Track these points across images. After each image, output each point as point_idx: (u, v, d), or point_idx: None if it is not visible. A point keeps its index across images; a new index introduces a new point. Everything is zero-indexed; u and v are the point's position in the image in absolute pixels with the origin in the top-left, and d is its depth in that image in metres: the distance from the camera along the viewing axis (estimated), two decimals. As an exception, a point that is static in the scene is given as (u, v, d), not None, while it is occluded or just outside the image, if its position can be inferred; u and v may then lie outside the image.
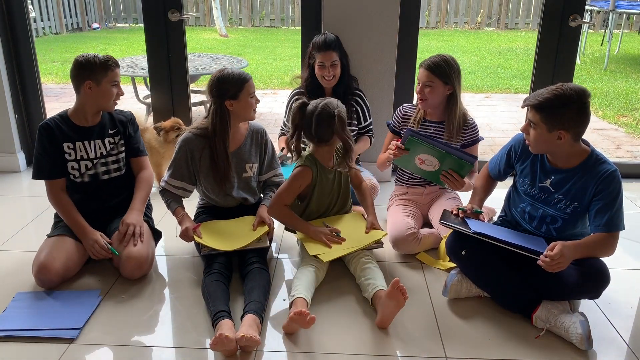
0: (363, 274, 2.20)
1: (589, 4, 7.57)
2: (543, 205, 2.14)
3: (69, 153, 2.35)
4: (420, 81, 2.54)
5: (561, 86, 1.95)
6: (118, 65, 2.34)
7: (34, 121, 3.57)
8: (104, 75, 2.28)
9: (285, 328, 1.99)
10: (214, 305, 2.01)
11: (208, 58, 5.32)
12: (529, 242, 2.07)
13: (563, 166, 2.07)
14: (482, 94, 6.39)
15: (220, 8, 9.96)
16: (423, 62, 2.54)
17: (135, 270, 2.27)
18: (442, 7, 10.53)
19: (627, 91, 6.22)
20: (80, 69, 2.28)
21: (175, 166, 2.42)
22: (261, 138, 2.51)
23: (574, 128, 1.95)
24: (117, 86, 2.35)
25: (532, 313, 2.03)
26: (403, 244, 2.50)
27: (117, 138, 2.44)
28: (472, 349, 1.93)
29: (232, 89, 2.30)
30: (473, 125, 2.64)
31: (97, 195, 2.42)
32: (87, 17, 10.54)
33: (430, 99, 2.53)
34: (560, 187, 2.08)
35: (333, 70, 2.82)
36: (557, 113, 1.93)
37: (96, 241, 2.28)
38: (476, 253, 2.13)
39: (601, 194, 1.99)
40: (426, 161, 2.45)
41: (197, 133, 2.39)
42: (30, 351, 1.90)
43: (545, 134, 1.97)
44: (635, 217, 2.98)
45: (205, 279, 2.17)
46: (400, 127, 2.70)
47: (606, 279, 1.99)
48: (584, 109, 1.93)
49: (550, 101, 1.92)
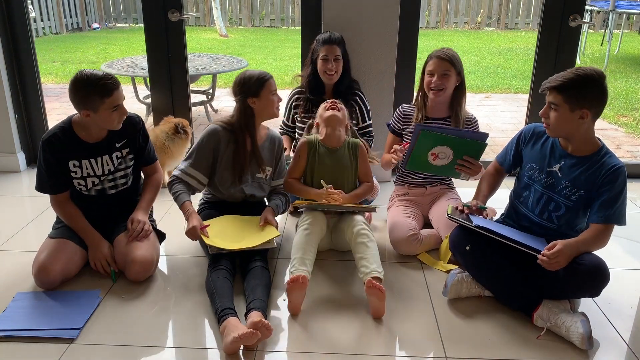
0: (357, 250, 2.24)
1: (589, 4, 7.57)
2: (549, 191, 2.15)
3: (74, 171, 2.28)
4: (434, 72, 2.54)
5: (580, 68, 2.02)
6: (117, 86, 2.15)
7: (34, 121, 3.57)
8: (100, 103, 2.11)
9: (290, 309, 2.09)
10: (221, 302, 2.01)
11: (208, 58, 5.33)
12: (530, 241, 2.08)
13: (575, 152, 2.10)
14: (482, 94, 6.39)
15: (220, 8, 9.96)
16: (434, 53, 2.57)
17: (140, 273, 2.26)
18: (442, 7, 10.53)
19: (627, 91, 6.22)
20: (76, 95, 2.12)
21: (196, 156, 2.42)
22: (278, 146, 2.57)
23: (595, 107, 2.00)
24: (119, 109, 2.18)
25: (533, 312, 2.03)
26: (404, 246, 2.50)
27: (126, 152, 2.35)
28: (472, 349, 1.93)
29: (254, 87, 2.38)
30: (475, 119, 2.69)
31: (103, 206, 2.39)
32: (87, 17, 10.54)
33: (447, 88, 2.55)
34: (568, 174, 2.10)
35: (336, 65, 2.83)
36: (581, 92, 1.97)
37: (104, 258, 2.28)
38: (480, 249, 2.13)
39: (607, 187, 2.02)
40: (440, 154, 2.44)
41: (223, 126, 2.44)
42: (30, 351, 1.90)
43: (567, 114, 2.01)
44: (635, 217, 2.98)
45: (212, 275, 2.16)
46: (401, 127, 2.70)
47: (606, 277, 1.99)
48: (604, 88, 1.98)
49: (573, 80, 1.98)
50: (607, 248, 2.05)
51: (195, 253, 2.52)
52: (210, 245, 2.25)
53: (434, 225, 2.64)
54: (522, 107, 5.59)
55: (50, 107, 3.93)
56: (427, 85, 2.58)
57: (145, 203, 2.42)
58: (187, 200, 2.36)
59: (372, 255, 2.20)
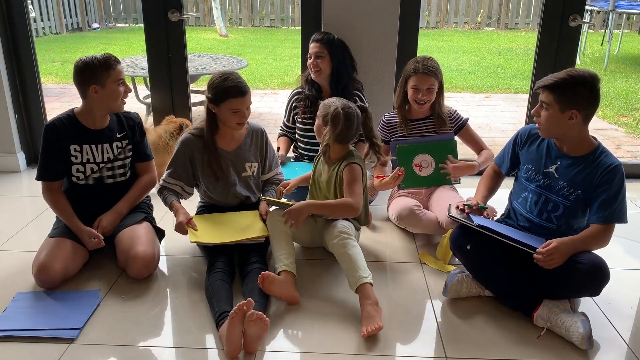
0: (340, 261, 2.15)
1: (589, 4, 7.57)
2: (546, 192, 2.15)
3: (75, 156, 2.33)
4: (419, 87, 2.61)
5: (573, 69, 2.03)
6: (119, 61, 2.30)
7: (34, 121, 3.57)
8: (107, 75, 2.25)
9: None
10: (219, 306, 2.01)
11: (208, 58, 5.33)
12: (529, 240, 2.08)
13: (570, 153, 2.10)
14: (482, 94, 6.38)
15: (220, 8, 9.96)
16: (416, 69, 2.60)
17: (142, 270, 2.27)
18: (442, 7, 10.53)
19: (627, 91, 6.22)
20: (82, 75, 2.25)
21: (174, 166, 2.44)
22: (261, 138, 2.53)
23: (585, 109, 2.00)
24: (123, 84, 2.31)
25: (533, 312, 2.03)
26: (406, 217, 2.59)
27: (125, 142, 2.42)
28: (472, 349, 1.93)
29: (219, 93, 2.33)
30: (454, 111, 2.79)
31: (100, 198, 2.41)
32: (87, 17, 10.53)
33: (432, 99, 2.66)
34: (565, 174, 2.10)
35: (320, 63, 2.85)
36: (571, 92, 1.98)
37: (89, 232, 2.29)
38: (481, 249, 2.13)
39: (605, 186, 2.02)
40: (422, 163, 2.64)
41: (195, 134, 2.42)
42: (30, 351, 1.90)
43: (557, 114, 2.01)
44: (636, 217, 2.98)
45: (209, 278, 2.17)
46: (389, 136, 2.78)
47: (606, 276, 1.99)
48: (596, 91, 1.98)
49: (565, 80, 1.98)
50: (607, 248, 2.05)
51: (195, 253, 2.52)
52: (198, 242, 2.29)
53: (433, 211, 2.67)
54: (522, 107, 5.58)
55: (50, 107, 3.93)
56: (411, 98, 2.66)
57: (126, 202, 2.43)
58: (174, 200, 2.40)
59: (354, 261, 2.10)
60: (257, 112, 5.59)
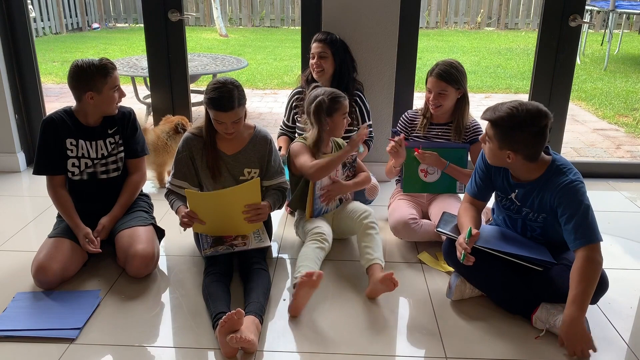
0: (364, 240, 2.32)
1: (589, 4, 7.57)
2: (518, 215, 2.14)
3: (70, 149, 2.35)
4: (432, 90, 2.58)
5: (520, 105, 1.87)
6: (115, 67, 2.31)
7: (34, 121, 3.57)
8: (104, 82, 2.25)
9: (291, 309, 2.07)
10: (215, 307, 2.01)
11: (208, 58, 5.33)
12: (532, 252, 2.05)
13: (524, 179, 2.03)
14: (482, 94, 6.39)
15: (220, 8, 9.96)
16: (432, 71, 2.57)
17: (141, 268, 2.27)
18: (442, 7, 10.54)
19: (627, 91, 6.22)
20: (79, 80, 2.24)
21: (177, 167, 2.43)
22: (264, 145, 2.45)
23: (523, 150, 1.91)
24: (119, 89, 2.33)
25: (532, 314, 2.02)
26: (404, 229, 2.55)
27: (117, 137, 2.43)
28: (472, 349, 1.93)
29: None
30: (475, 125, 2.71)
31: (94, 194, 2.42)
32: (87, 17, 10.54)
33: (445, 105, 2.61)
34: (524, 201, 2.07)
35: (323, 63, 2.85)
36: (508, 134, 1.90)
37: (86, 235, 2.29)
38: (473, 256, 2.10)
39: (563, 206, 1.92)
40: (429, 169, 2.62)
41: (195, 134, 2.41)
42: (30, 351, 1.90)
43: (496, 150, 1.96)
44: (636, 217, 2.98)
45: (206, 279, 2.18)
46: (408, 133, 2.75)
47: (604, 286, 1.96)
48: (539, 133, 1.87)
49: (503, 120, 1.88)
50: (607, 248, 2.04)
51: (194, 253, 2.52)
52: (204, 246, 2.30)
53: (432, 220, 2.64)
54: (522, 107, 5.57)
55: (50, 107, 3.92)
56: (426, 100, 2.65)
57: (120, 207, 2.44)
58: (181, 205, 2.37)
59: (377, 245, 2.29)
60: (257, 112, 5.59)
